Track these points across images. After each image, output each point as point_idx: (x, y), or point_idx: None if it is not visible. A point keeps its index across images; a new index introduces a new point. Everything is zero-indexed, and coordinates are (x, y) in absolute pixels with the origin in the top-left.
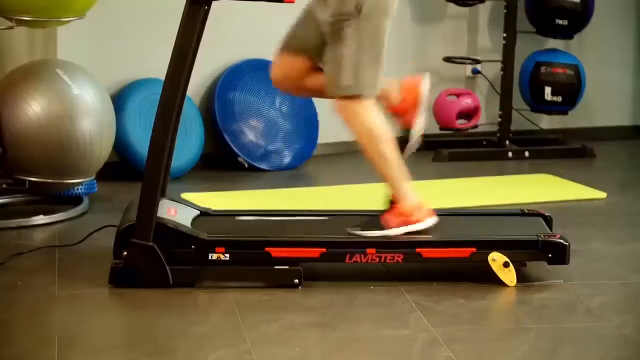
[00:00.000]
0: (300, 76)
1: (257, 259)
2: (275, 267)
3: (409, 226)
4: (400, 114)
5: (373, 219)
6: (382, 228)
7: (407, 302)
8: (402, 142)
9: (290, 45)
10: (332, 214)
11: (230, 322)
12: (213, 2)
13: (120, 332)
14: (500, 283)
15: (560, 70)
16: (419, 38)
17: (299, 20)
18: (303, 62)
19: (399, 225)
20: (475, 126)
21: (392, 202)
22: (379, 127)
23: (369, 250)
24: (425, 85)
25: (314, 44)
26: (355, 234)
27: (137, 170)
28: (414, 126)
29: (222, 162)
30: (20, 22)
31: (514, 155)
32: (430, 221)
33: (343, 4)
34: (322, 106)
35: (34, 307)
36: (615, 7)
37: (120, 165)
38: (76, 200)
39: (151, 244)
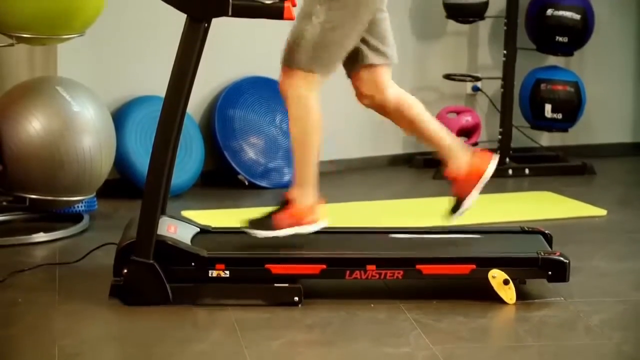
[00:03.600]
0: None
1: (257, 276)
2: (275, 284)
3: (300, 227)
4: (457, 181)
5: (266, 218)
6: (272, 228)
7: (407, 320)
8: (454, 208)
9: None
10: (332, 231)
11: (230, 339)
12: (213, 19)
13: (120, 350)
14: (500, 300)
15: (560, 88)
16: (419, 55)
17: None
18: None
19: (289, 226)
20: (476, 144)
21: (286, 202)
22: (316, 117)
23: (369, 267)
24: (493, 166)
25: None
26: (246, 232)
27: (137, 188)
28: (467, 201)
29: (222, 180)
30: (21, 40)
31: (514, 173)
32: (321, 224)
33: None
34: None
35: (35, 324)
36: (615, 24)
37: (121, 183)
38: (76, 217)
39: (151, 261)
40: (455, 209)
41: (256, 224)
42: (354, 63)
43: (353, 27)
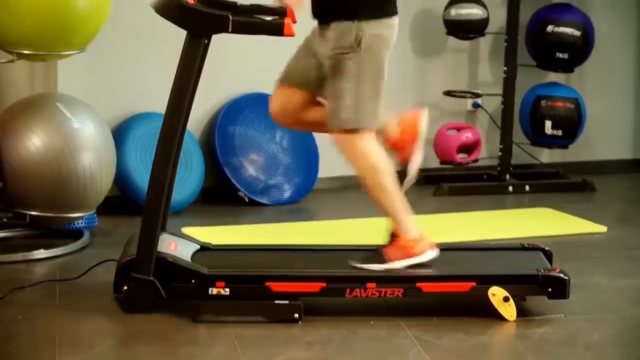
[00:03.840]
0: (299, 110)
1: (257, 294)
2: (276, 301)
3: (411, 259)
4: (398, 148)
5: (376, 252)
6: (384, 262)
7: (407, 337)
8: (401, 176)
9: (290, 78)
10: (332, 249)
11: (230, 357)
12: (213, 36)
13: None
14: (501, 318)
15: (560, 104)
16: (419, 72)
17: (298, 53)
18: (302, 95)
19: (401, 259)
20: (476, 160)
21: (394, 236)
22: (380, 161)
23: (369, 285)
24: (424, 120)
25: (313, 76)
26: (359, 268)
27: (137, 205)
28: (412, 161)
29: (222, 197)
30: (21, 56)
31: (514, 190)
32: (432, 254)
33: (342, 38)
34: (323, 140)
35: (35, 341)
36: (616, 40)
37: (121, 200)
38: (76, 234)
39: (151, 278)
40: (404, 175)
41: (367, 259)
42: (310, 89)
43: (382, 70)
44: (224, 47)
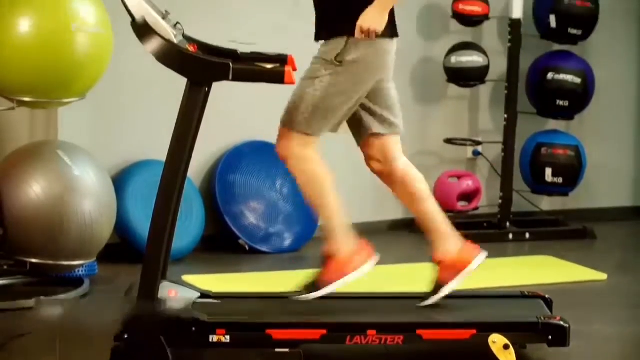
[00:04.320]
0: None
1: (257, 341)
2: (276, 349)
3: (348, 276)
4: (441, 268)
5: (313, 281)
6: (321, 288)
7: None
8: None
9: None
10: (333, 297)
11: None
12: (214, 84)
13: None
14: None
15: (560, 152)
16: (420, 119)
17: None
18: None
19: (338, 279)
20: (476, 208)
21: (327, 258)
22: (319, 168)
23: (369, 332)
24: (479, 261)
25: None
26: (300, 299)
27: (138, 252)
28: (446, 289)
29: (223, 245)
30: (21, 103)
31: (514, 237)
32: (370, 264)
33: (326, 54)
34: None
35: None
36: (616, 87)
37: (121, 247)
38: (77, 281)
39: None
40: (432, 293)
41: (306, 289)
42: (361, 132)
43: (354, 94)
44: (225, 95)
